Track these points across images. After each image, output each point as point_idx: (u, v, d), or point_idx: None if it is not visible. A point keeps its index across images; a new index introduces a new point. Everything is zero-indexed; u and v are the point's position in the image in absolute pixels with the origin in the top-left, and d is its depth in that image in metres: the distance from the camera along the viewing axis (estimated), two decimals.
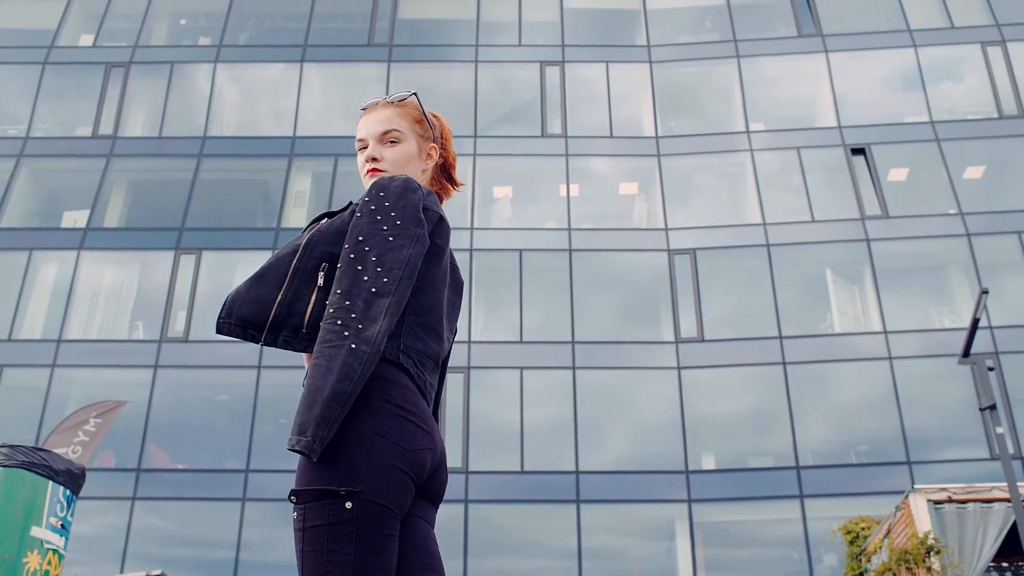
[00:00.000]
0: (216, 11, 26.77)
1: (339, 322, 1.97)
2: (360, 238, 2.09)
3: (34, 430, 20.01)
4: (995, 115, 24.14)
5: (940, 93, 24.86)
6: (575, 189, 23.90)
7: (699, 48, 26.17)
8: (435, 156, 2.47)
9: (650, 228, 23.24)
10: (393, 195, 2.16)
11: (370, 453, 1.94)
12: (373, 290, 2.02)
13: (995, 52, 24.89)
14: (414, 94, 2.48)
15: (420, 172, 2.41)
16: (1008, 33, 25.04)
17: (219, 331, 2.13)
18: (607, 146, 24.48)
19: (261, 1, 27.64)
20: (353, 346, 1.93)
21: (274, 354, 21.46)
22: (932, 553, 12.97)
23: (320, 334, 1.98)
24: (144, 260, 23.12)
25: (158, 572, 15.96)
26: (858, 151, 23.78)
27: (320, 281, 2.13)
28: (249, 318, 2.12)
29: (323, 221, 2.24)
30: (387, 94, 2.55)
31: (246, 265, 22.94)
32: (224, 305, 2.13)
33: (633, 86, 25.29)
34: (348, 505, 1.89)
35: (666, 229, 22.94)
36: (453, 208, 23.60)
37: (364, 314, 1.98)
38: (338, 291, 2.02)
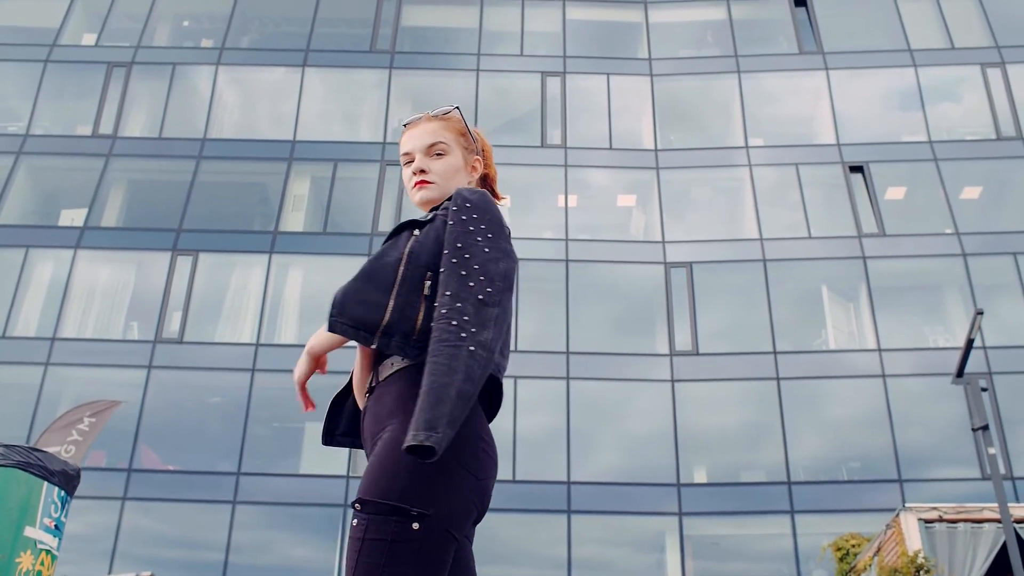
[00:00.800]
0: (219, 13, 26.82)
1: (454, 322, 1.96)
2: (459, 245, 2.10)
3: (26, 428, 19.98)
4: (993, 136, 24.23)
5: (939, 113, 24.95)
6: (573, 200, 23.94)
7: (700, 63, 26.25)
8: (479, 169, 2.50)
9: (647, 240, 23.28)
10: (479, 207, 2.19)
11: (447, 479, 1.94)
12: (480, 297, 2.02)
13: (994, 74, 24.99)
14: (457, 108, 2.50)
15: (466, 184, 2.43)
16: (1008, 55, 25.15)
17: (331, 329, 2.11)
18: (606, 158, 24.53)
19: (264, 5, 27.70)
20: (472, 348, 1.93)
21: (268, 357, 21.47)
22: (922, 572, 12.98)
23: (435, 333, 1.96)
24: (141, 260, 23.11)
25: (147, 573, 15.94)
26: (856, 169, 23.85)
27: (426, 291, 2.11)
28: (362, 319, 2.08)
29: (414, 231, 2.23)
30: (387, 101, 2.59)
31: (243, 268, 22.95)
32: (334, 304, 2.11)
33: (633, 99, 25.35)
34: (415, 526, 1.88)
35: (663, 242, 22.98)
36: None
37: (476, 319, 1.98)
38: (447, 293, 2.02)
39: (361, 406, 2.25)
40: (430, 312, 2.07)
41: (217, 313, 22.47)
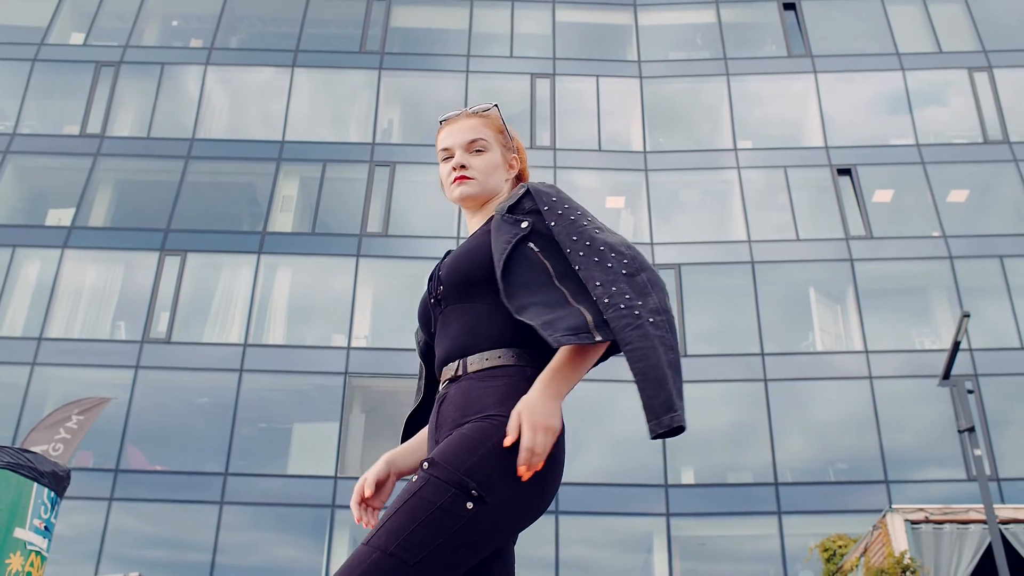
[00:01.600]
0: (208, 13, 26.77)
1: (622, 307, 2.00)
2: (575, 238, 2.14)
3: (12, 429, 19.90)
4: (980, 140, 24.36)
5: (926, 116, 25.08)
6: None
7: (689, 65, 26.34)
8: (516, 167, 2.50)
9: (635, 242, 23.33)
10: (562, 196, 2.25)
11: (518, 485, 1.96)
12: (624, 272, 2.06)
13: (981, 77, 25.13)
14: (495, 106, 2.51)
15: (503, 181, 2.44)
16: (995, 59, 25.30)
17: (559, 345, 2.01)
18: (595, 159, 24.57)
19: (253, 5, 27.67)
20: (651, 320, 1.98)
21: (256, 358, 21.44)
22: (908, 573, 13.04)
23: (612, 325, 1.99)
24: (128, 260, 23.05)
25: (134, 574, 15.90)
26: (844, 171, 23.95)
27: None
28: (572, 326, 2.03)
29: (520, 237, 2.20)
30: (376, 102, 2.61)
31: (231, 268, 22.91)
32: (545, 326, 2.03)
33: (622, 101, 25.41)
34: (469, 506, 1.90)
35: (651, 244, 23.03)
36: (439, 217, 23.65)
37: (635, 292, 2.03)
38: (597, 284, 2.05)
39: None
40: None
41: (205, 313, 22.42)
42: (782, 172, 24.04)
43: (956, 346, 14.23)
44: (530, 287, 2.10)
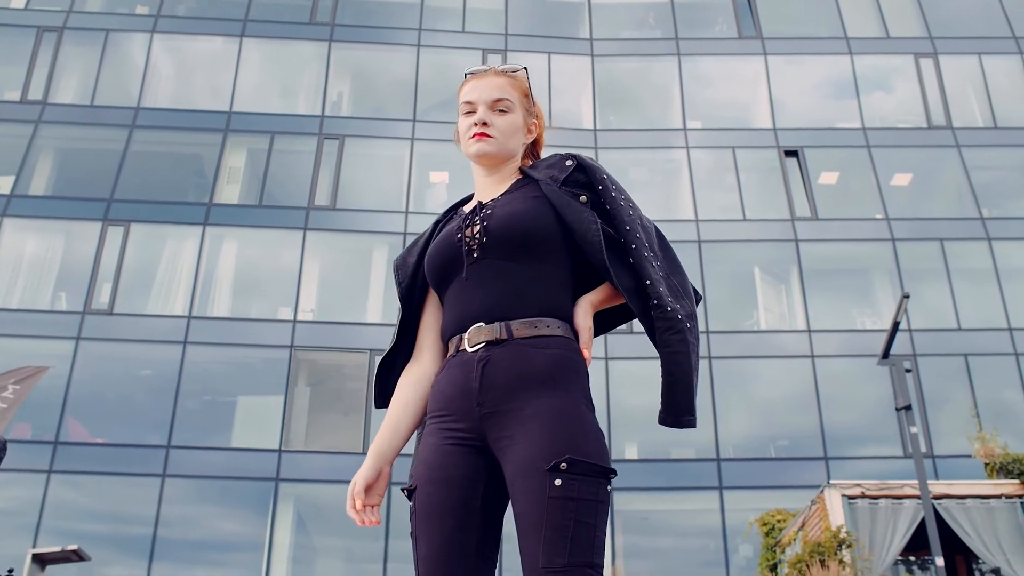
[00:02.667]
0: None
1: (669, 308, 2.16)
2: (628, 227, 2.23)
3: None
4: (924, 125, 24.74)
5: (873, 101, 25.40)
6: None
7: (640, 44, 26.40)
8: (535, 132, 2.49)
9: None
10: (608, 172, 2.33)
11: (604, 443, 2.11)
12: (667, 273, 2.25)
13: (927, 64, 25.49)
14: (524, 68, 2.50)
15: (520, 145, 2.43)
16: (940, 46, 25.66)
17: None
18: (545, 136, 24.51)
19: None
20: (689, 325, 2.18)
21: (201, 330, 21.21)
22: (844, 546, 13.30)
23: (659, 322, 2.16)
24: (70, 230, 22.64)
25: (73, 547, 15.68)
26: (791, 153, 24.20)
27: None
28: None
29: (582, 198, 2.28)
30: (326, 74, 2.59)
31: (176, 239, 22.61)
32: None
33: (573, 78, 25.40)
34: (609, 488, 2.03)
35: None
36: (389, 191, 23.53)
37: (676, 295, 2.21)
38: (648, 281, 2.18)
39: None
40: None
41: (149, 285, 22.12)
42: (730, 152, 24.23)
43: (896, 326, 14.49)
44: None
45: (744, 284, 22.90)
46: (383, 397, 2.35)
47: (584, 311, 2.24)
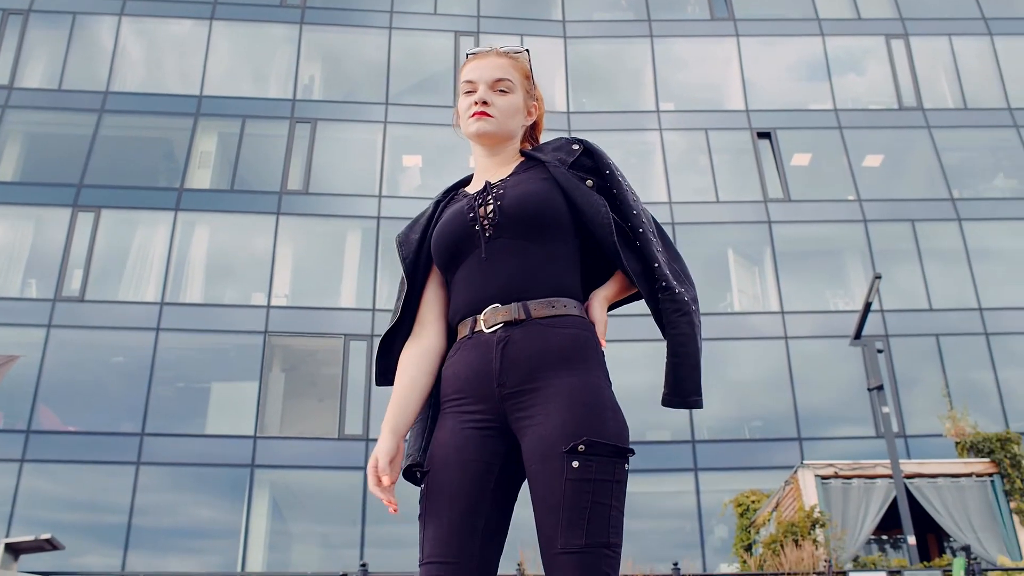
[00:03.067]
0: None
1: (677, 291, 2.20)
2: (635, 211, 2.28)
3: None
4: (895, 106, 24.87)
5: (844, 82, 25.50)
6: None
7: (613, 26, 26.35)
8: (535, 115, 2.48)
9: None
10: (612, 159, 2.37)
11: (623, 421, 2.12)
12: (670, 257, 2.29)
13: (898, 45, 25.61)
14: (527, 51, 2.50)
15: (520, 127, 2.43)
16: (911, 27, 25.78)
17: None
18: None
19: None
20: (695, 308, 2.22)
21: (173, 316, 21.07)
22: (817, 526, 13.43)
23: (667, 304, 2.20)
24: (39, 216, 22.39)
25: (47, 536, 15.57)
26: (764, 135, 24.27)
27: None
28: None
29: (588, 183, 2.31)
30: (297, 57, 2.56)
31: (147, 225, 22.41)
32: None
33: (546, 61, 25.32)
34: (626, 466, 2.04)
35: None
36: (361, 175, 23.41)
37: (680, 279, 2.25)
38: (655, 265, 2.22)
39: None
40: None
41: (120, 271, 21.93)
42: (703, 134, 24.27)
43: (867, 307, 14.60)
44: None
45: (718, 266, 22.98)
46: (385, 375, 2.34)
47: (600, 305, 2.27)
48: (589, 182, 2.28)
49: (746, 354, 21.63)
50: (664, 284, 2.19)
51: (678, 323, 2.17)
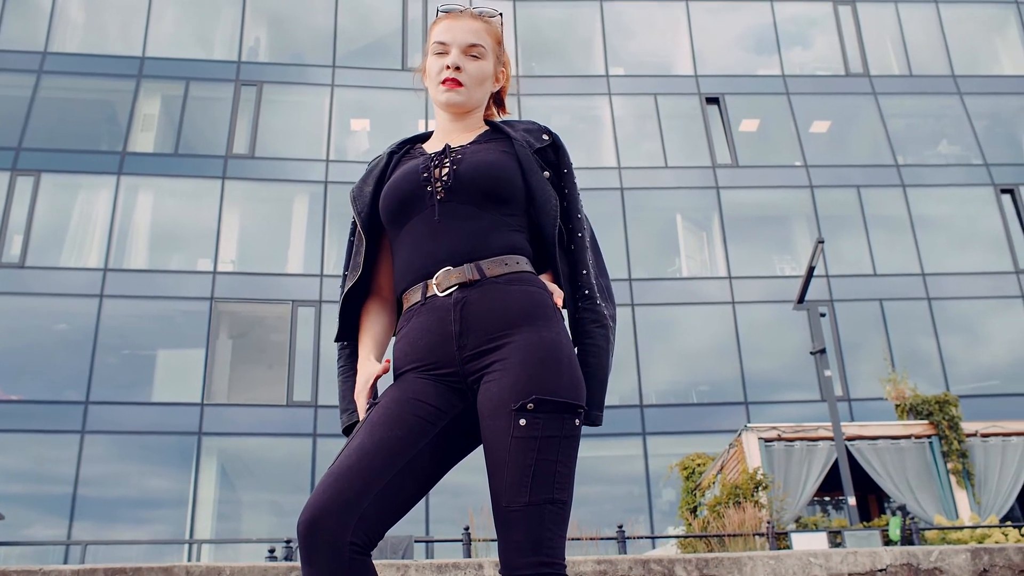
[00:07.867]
0: None
1: (599, 302, 2.21)
2: (579, 216, 2.30)
3: None
4: (842, 72, 25.06)
5: (792, 48, 25.63)
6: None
7: None
8: (502, 81, 2.45)
9: None
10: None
11: (580, 376, 2.09)
12: (600, 271, 2.29)
13: (845, 11, 25.76)
14: (500, 14, 2.44)
15: (487, 94, 2.40)
16: None
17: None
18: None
19: None
20: (611, 325, 2.22)
21: (117, 283, 20.75)
22: (760, 488, 13.64)
23: (587, 314, 2.19)
24: None
25: None
26: (712, 100, 24.35)
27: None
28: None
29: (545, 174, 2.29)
30: (242, 19, 2.49)
31: (89, 189, 21.99)
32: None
33: None
34: (577, 422, 2.01)
35: None
36: (309, 139, 23.13)
37: (605, 295, 2.25)
38: (584, 272, 2.23)
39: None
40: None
41: (62, 236, 21.52)
42: (652, 100, 24.29)
43: (811, 271, 14.77)
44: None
45: (666, 231, 23.11)
46: (348, 330, 2.34)
47: (545, 277, 2.27)
48: (547, 174, 2.26)
49: (694, 319, 21.83)
50: (587, 292, 2.19)
51: (594, 334, 2.17)
